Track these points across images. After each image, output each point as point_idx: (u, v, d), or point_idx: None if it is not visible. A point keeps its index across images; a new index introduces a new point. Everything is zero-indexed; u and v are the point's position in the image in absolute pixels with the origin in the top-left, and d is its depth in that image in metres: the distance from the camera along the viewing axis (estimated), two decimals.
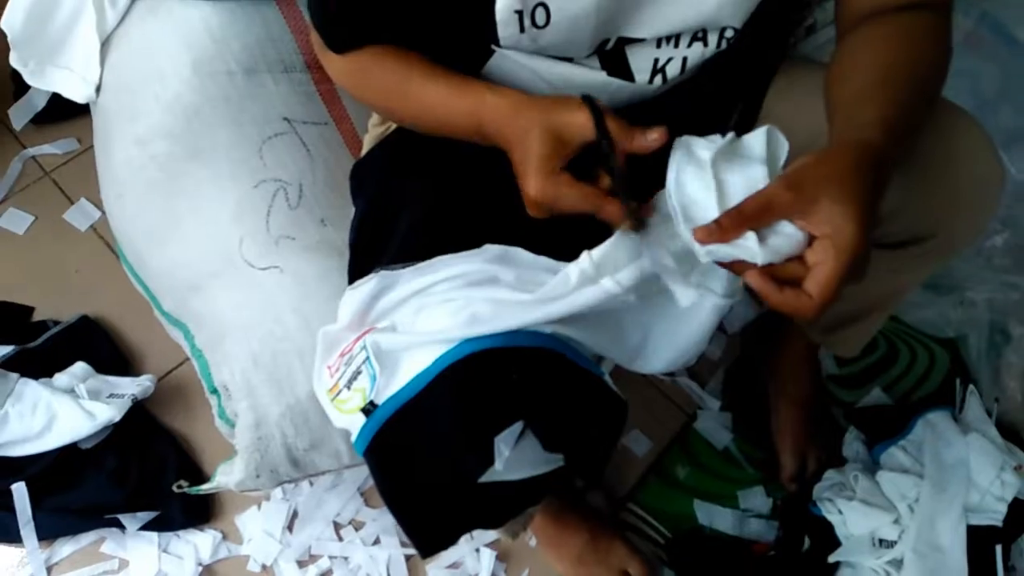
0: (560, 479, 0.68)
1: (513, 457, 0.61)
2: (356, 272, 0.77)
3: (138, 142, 0.97)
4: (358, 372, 0.64)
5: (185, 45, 0.96)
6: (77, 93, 1.05)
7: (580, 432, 0.64)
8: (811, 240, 0.57)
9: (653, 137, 0.64)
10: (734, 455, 1.15)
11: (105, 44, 1.00)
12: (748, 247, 0.57)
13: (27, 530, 1.09)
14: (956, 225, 0.78)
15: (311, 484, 1.14)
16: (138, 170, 0.98)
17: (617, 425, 0.67)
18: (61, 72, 1.06)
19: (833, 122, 0.65)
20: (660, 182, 0.63)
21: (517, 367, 0.61)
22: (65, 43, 1.04)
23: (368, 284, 0.69)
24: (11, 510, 1.10)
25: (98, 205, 1.41)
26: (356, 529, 1.11)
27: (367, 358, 0.63)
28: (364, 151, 0.92)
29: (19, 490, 1.11)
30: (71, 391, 1.16)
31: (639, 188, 0.65)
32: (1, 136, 1.50)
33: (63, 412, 1.12)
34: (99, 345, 1.26)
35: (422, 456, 0.62)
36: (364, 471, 1.15)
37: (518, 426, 0.60)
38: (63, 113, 1.49)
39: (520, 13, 0.68)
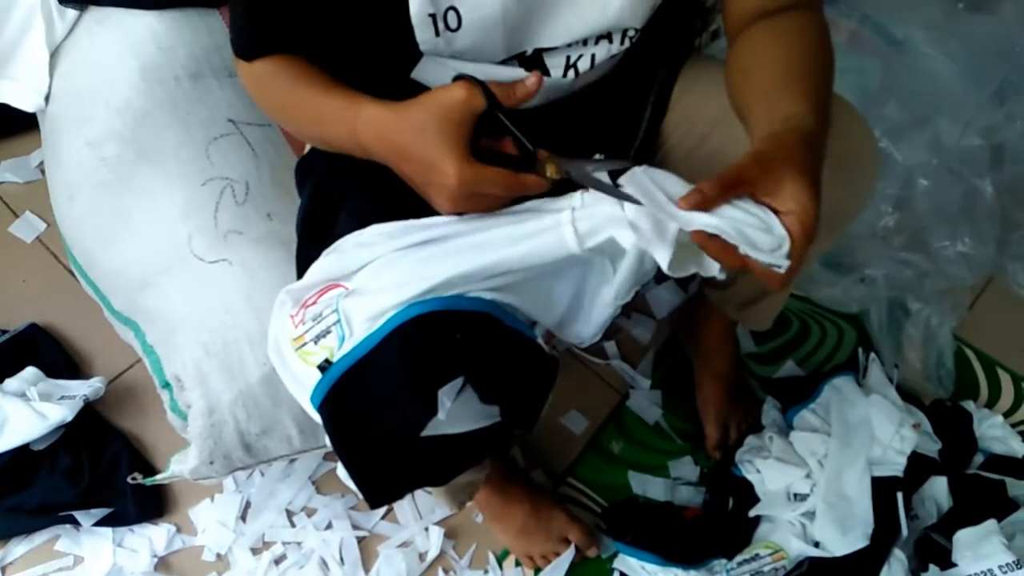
0: (498, 435, 0.73)
1: (455, 409, 0.66)
2: (304, 256, 0.82)
3: (89, 145, 1.00)
4: (327, 331, 0.68)
5: (133, 53, 1.00)
6: (26, 102, 1.08)
7: (515, 386, 0.70)
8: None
9: (531, 81, 0.68)
10: (664, 429, 1.22)
11: (54, 55, 1.03)
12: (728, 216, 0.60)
13: None
14: (844, 197, 0.87)
15: (262, 474, 1.17)
16: (89, 172, 1.01)
17: (548, 380, 0.73)
18: (8, 83, 1.08)
19: (752, 113, 0.70)
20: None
21: (459, 328, 0.66)
22: (13, 55, 1.07)
23: (327, 258, 0.74)
24: None
25: (43, 217, 1.42)
26: (308, 516, 1.14)
27: (338, 320, 0.67)
28: (307, 149, 0.97)
29: None
30: (22, 395, 1.17)
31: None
32: None
33: (14, 414, 1.13)
34: (48, 351, 1.27)
35: (372, 409, 0.67)
36: (315, 460, 1.19)
37: (459, 380, 0.65)
38: (5, 129, 1.50)
39: (433, 16, 0.72)
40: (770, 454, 1.07)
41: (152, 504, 1.14)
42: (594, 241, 0.66)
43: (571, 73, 0.82)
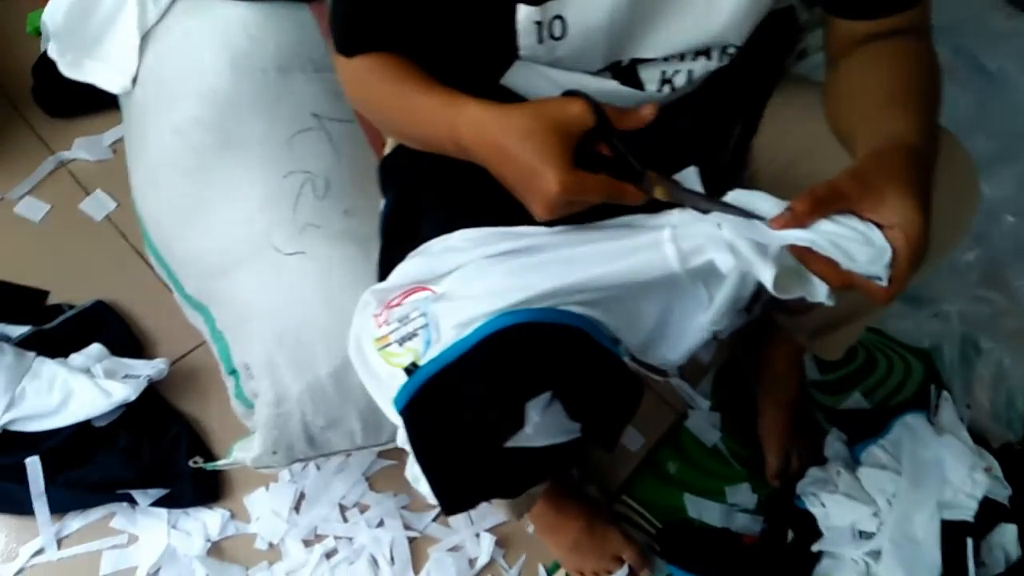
0: (576, 452, 0.72)
1: (540, 423, 0.65)
2: (388, 257, 0.81)
3: (175, 131, 1.01)
4: (413, 334, 0.68)
5: (223, 42, 1.00)
6: (113, 84, 1.09)
7: (599, 404, 0.69)
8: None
9: (647, 111, 0.68)
10: (722, 452, 1.20)
11: (144, 39, 1.05)
12: (824, 230, 0.59)
13: (39, 503, 1.11)
14: (944, 228, 0.84)
15: (318, 468, 1.17)
16: (173, 158, 1.02)
17: (633, 401, 0.72)
18: (98, 64, 1.10)
19: (856, 136, 0.70)
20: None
21: (549, 341, 0.65)
22: (104, 37, 1.08)
23: (414, 260, 0.73)
24: (25, 483, 1.12)
25: (113, 196, 1.44)
26: (361, 512, 1.14)
27: (426, 324, 0.67)
28: (388, 148, 0.96)
29: (33, 464, 1.13)
30: (87, 371, 1.19)
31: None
32: (21, 131, 1.52)
33: (79, 390, 1.15)
34: (113, 329, 1.29)
35: (456, 417, 0.66)
36: (369, 456, 1.19)
37: (548, 395, 0.64)
38: (81, 107, 1.53)
39: (539, 24, 0.72)
40: (836, 488, 1.04)
41: (208, 488, 1.14)
42: (696, 261, 0.65)
43: (666, 88, 0.81)
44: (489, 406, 0.65)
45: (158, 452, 1.16)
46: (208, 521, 1.12)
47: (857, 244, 0.59)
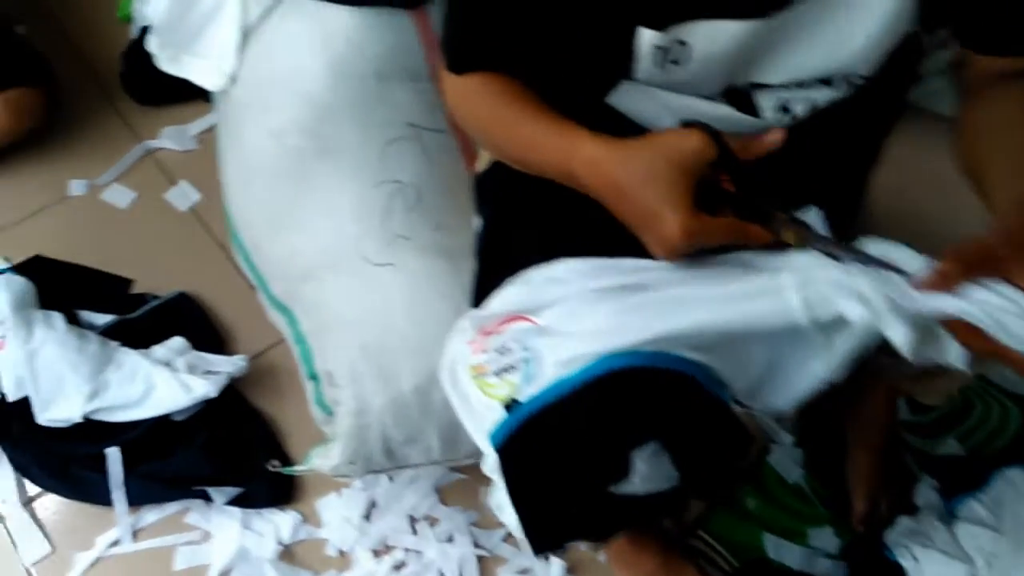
0: (675, 500, 0.70)
1: (645, 472, 0.63)
2: (484, 281, 0.79)
3: (272, 134, 1.00)
4: (512, 366, 0.66)
5: (323, 46, 0.99)
6: (210, 81, 1.09)
7: (705, 454, 0.66)
8: None
9: (773, 137, 0.65)
10: (805, 491, 1.15)
11: (245, 38, 1.04)
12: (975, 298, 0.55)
13: (118, 494, 1.12)
14: None
15: (390, 478, 1.16)
16: (269, 161, 1.01)
17: (739, 452, 0.69)
18: (196, 60, 1.10)
19: (994, 177, 0.65)
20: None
21: (658, 387, 0.62)
22: (203, 33, 1.08)
23: (515, 288, 0.71)
24: (103, 473, 1.14)
25: (199, 188, 1.45)
26: (431, 525, 1.13)
27: (527, 359, 0.65)
28: (481, 163, 0.94)
29: (113, 455, 1.14)
30: (168, 364, 1.19)
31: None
32: (110, 117, 1.54)
33: (161, 383, 1.16)
34: (195, 322, 1.30)
35: (556, 460, 0.64)
36: (441, 469, 1.17)
37: (655, 445, 0.62)
38: (169, 96, 1.54)
39: (661, 49, 0.69)
40: (931, 543, 0.99)
41: (283, 490, 1.14)
42: (823, 313, 0.61)
43: (783, 116, 0.77)
44: (594, 453, 0.62)
45: (235, 450, 1.16)
46: (280, 523, 1.12)
47: (1014, 317, 0.54)
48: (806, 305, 0.62)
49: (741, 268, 0.66)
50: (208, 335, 1.29)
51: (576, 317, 0.66)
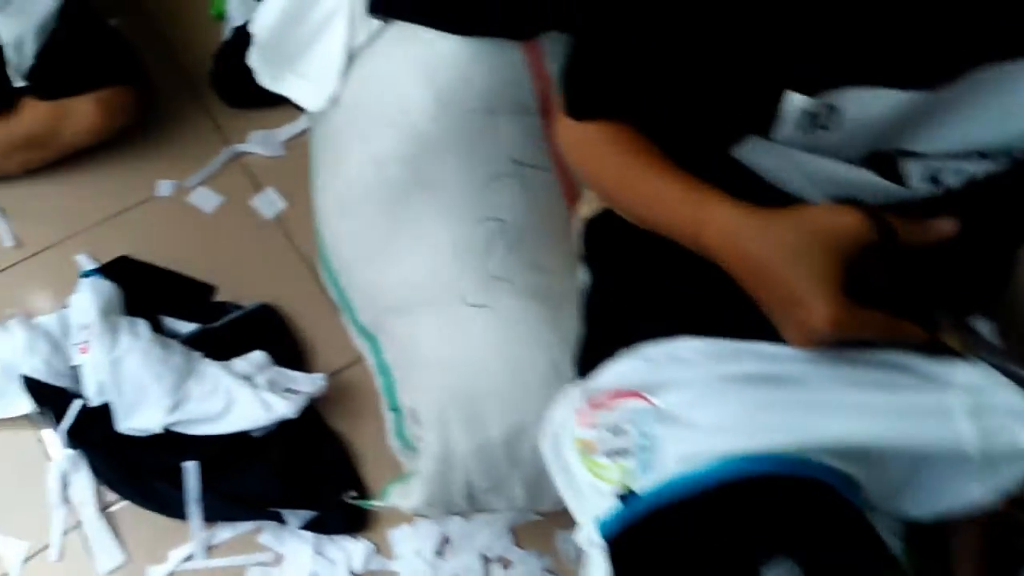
0: None
1: None
2: (592, 345, 0.75)
3: (373, 163, 0.98)
4: (626, 450, 0.62)
5: (431, 76, 0.95)
6: (310, 102, 1.07)
7: (838, 569, 0.61)
8: None
9: (946, 227, 0.59)
10: (903, 567, 1.09)
11: (349, 60, 1.01)
12: None
13: (193, 509, 1.12)
14: None
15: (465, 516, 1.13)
16: (368, 190, 0.99)
17: (875, 569, 0.63)
18: (296, 79, 1.07)
19: None
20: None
21: (794, 497, 0.58)
22: (307, 52, 1.05)
23: (630, 361, 0.67)
24: (179, 486, 1.13)
25: (285, 196, 1.43)
26: (504, 567, 1.10)
27: (644, 446, 0.61)
28: (587, 206, 0.90)
29: (191, 469, 1.13)
30: (248, 378, 1.18)
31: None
32: (199, 117, 1.53)
33: (241, 399, 1.15)
34: (275, 335, 1.28)
35: (674, 564, 0.60)
36: None
37: (789, 563, 0.57)
38: (259, 100, 1.52)
39: (809, 115, 0.64)
40: None
41: (357, 518, 1.13)
42: (998, 444, 0.56)
43: (934, 187, 0.70)
44: (719, 565, 0.58)
45: (310, 471, 1.15)
46: (352, 552, 1.10)
47: None
48: (982, 435, 0.56)
49: (892, 371, 0.60)
50: (288, 349, 1.27)
51: (702, 406, 0.62)
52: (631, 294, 0.75)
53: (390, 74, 0.97)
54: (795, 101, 0.62)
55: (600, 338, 0.74)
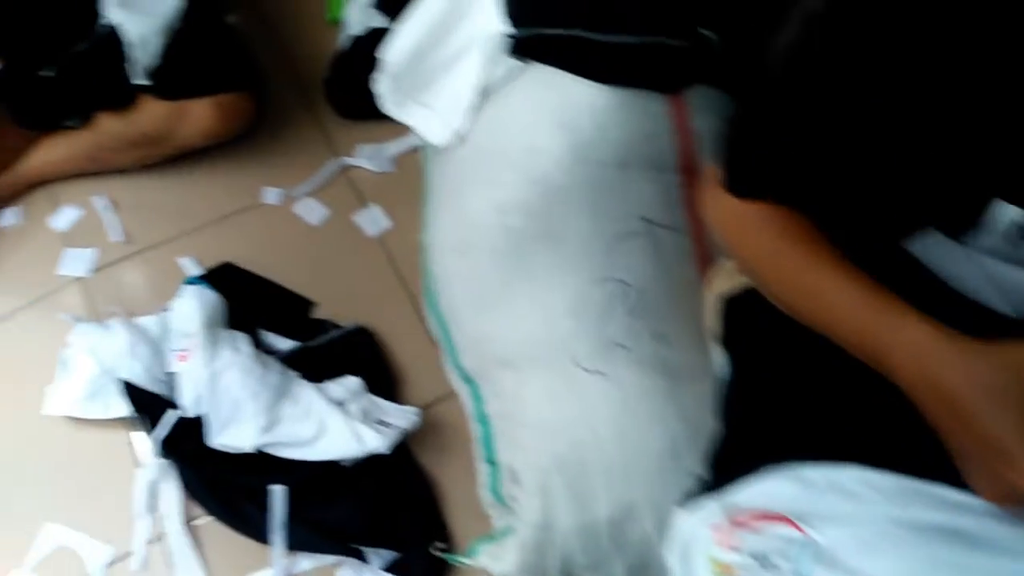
0: None
1: None
2: (731, 450, 0.68)
3: (497, 209, 0.93)
4: None
5: (566, 124, 0.90)
6: (433, 134, 1.02)
7: None
8: None
9: None
10: None
11: (480, 98, 0.96)
12: None
13: (278, 536, 1.09)
14: None
15: None
16: (489, 236, 0.94)
17: None
18: (421, 110, 1.03)
19: None
20: None
21: None
22: (437, 84, 1.01)
23: (782, 481, 0.60)
24: (264, 508, 1.11)
25: (389, 214, 1.40)
26: None
27: None
28: (726, 280, 0.83)
29: (279, 493, 1.11)
30: (342, 404, 1.15)
31: None
32: (309, 126, 1.51)
33: (333, 427, 1.12)
34: (370, 360, 1.25)
35: None
36: None
37: None
38: (370, 112, 1.49)
39: (1021, 227, 0.56)
40: None
41: (440, 569, 1.08)
42: None
43: None
44: None
45: (397, 511, 1.11)
46: None
47: None
48: None
49: None
50: (382, 376, 1.23)
51: (872, 553, 0.54)
52: (783, 398, 0.67)
53: (523, 117, 0.92)
54: (1008, 213, 0.55)
55: (742, 443, 0.67)
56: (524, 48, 0.90)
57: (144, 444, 1.18)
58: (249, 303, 1.27)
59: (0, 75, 1.26)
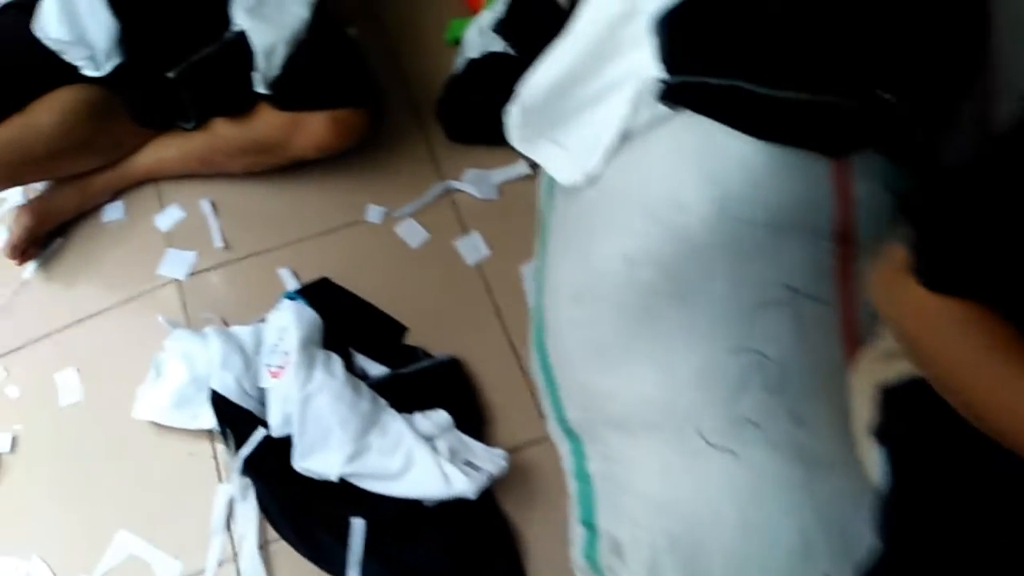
0: None
1: None
2: (901, 572, 0.60)
3: (627, 260, 0.86)
4: None
5: (716, 180, 0.82)
6: (563, 174, 0.96)
7: None
8: None
9: None
10: None
11: (621, 141, 0.89)
12: None
13: (354, 570, 1.03)
14: None
15: None
16: (613, 286, 0.87)
17: None
18: (553, 147, 0.97)
19: None
20: None
21: None
22: (571, 121, 0.95)
23: None
24: (342, 541, 1.05)
25: (489, 243, 1.34)
26: None
27: None
28: (885, 366, 0.74)
29: (359, 527, 1.05)
30: (430, 439, 1.09)
31: None
32: (418, 146, 1.46)
33: (420, 464, 1.06)
34: (460, 394, 1.19)
35: None
36: None
37: None
38: (479, 136, 1.44)
39: None
40: None
41: None
42: None
43: None
44: None
45: (479, 561, 1.04)
46: None
47: None
48: None
49: None
50: (471, 413, 1.17)
51: None
52: (956, 520, 0.58)
53: (665, 166, 0.85)
54: None
55: (908, 565, 0.58)
56: (677, 95, 0.83)
57: (227, 459, 1.14)
58: (343, 322, 1.22)
59: (121, 71, 1.25)
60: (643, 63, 0.85)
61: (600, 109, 0.90)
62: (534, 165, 1.41)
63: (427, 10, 1.64)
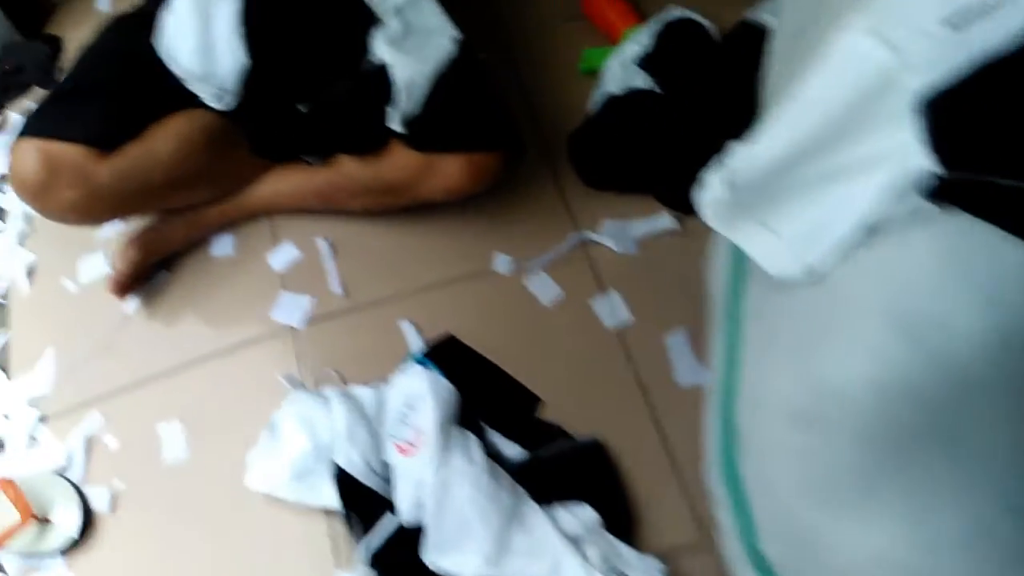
0: None
1: None
2: None
3: (875, 387, 0.69)
4: None
5: (996, 301, 0.66)
6: (775, 264, 0.80)
7: None
8: None
9: None
10: None
11: (865, 236, 0.74)
12: None
13: None
14: None
15: None
16: (856, 416, 0.70)
17: None
18: (762, 232, 0.81)
19: None
20: None
21: None
22: (791, 203, 0.79)
23: None
24: None
25: (630, 305, 1.19)
26: None
27: None
28: None
29: None
30: (576, 541, 0.95)
31: None
32: (549, 193, 1.31)
33: (568, 572, 0.92)
34: (606, 485, 1.03)
35: None
36: None
37: None
38: (616, 182, 1.30)
39: None
40: None
41: None
42: None
43: None
44: None
45: None
46: None
47: None
48: None
49: None
50: (619, 509, 1.02)
51: None
52: None
53: (928, 276, 0.69)
54: None
55: None
56: (951, 193, 0.68)
57: (344, 540, 1.01)
58: (473, 391, 1.09)
59: (243, 101, 1.13)
60: (905, 146, 0.69)
61: (833, 192, 0.74)
62: (681, 219, 1.26)
63: (560, 39, 1.49)
